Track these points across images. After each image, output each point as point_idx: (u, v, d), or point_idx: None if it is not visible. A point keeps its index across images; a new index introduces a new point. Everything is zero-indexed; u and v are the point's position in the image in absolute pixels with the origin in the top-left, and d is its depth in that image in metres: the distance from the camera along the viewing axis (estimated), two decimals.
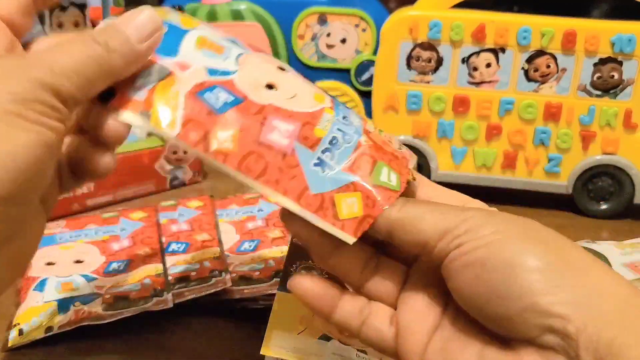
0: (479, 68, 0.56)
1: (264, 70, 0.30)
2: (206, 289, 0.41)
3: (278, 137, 0.28)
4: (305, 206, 0.27)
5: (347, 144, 0.29)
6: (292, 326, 0.35)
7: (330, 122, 0.29)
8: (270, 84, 0.29)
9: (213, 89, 0.28)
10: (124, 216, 0.51)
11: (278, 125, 0.28)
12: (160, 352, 0.38)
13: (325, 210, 0.27)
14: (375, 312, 0.29)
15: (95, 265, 0.44)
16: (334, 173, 0.28)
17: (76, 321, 0.38)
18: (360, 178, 0.27)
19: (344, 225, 0.27)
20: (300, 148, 0.28)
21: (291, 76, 0.31)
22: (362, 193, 0.27)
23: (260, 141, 0.28)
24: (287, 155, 0.28)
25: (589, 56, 0.54)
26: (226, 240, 0.48)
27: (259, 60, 0.31)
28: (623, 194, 0.57)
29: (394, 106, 0.58)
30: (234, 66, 0.29)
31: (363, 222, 0.27)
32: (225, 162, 0.27)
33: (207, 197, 0.55)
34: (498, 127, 0.57)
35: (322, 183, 0.27)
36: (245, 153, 0.27)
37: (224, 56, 0.30)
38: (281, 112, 0.28)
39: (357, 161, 0.28)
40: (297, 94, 0.30)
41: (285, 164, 0.28)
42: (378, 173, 0.28)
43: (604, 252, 0.45)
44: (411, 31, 0.55)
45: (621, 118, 0.55)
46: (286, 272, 0.38)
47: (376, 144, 0.29)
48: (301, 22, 0.64)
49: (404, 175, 0.29)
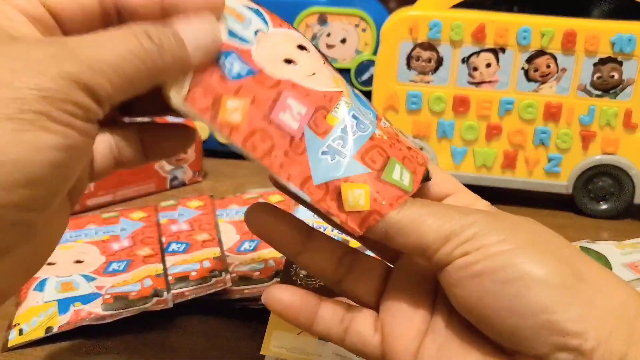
0: (479, 68, 0.56)
1: (283, 47, 0.28)
2: (206, 289, 0.41)
3: (289, 118, 0.26)
4: (308, 193, 0.26)
5: (361, 132, 0.27)
6: (292, 326, 0.35)
7: (346, 108, 0.28)
8: (289, 59, 0.28)
9: (229, 55, 0.26)
10: (124, 216, 0.51)
11: (292, 104, 0.26)
12: (160, 352, 0.38)
13: (329, 201, 0.26)
14: (357, 318, 0.28)
15: (95, 265, 0.44)
16: (345, 160, 0.26)
17: (76, 321, 0.38)
18: (371, 170, 0.26)
19: (348, 217, 0.26)
20: (310, 134, 0.26)
21: (312, 55, 0.29)
22: (371, 187, 0.26)
23: (271, 118, 0.26)
24: (295, 139, 0.26)
25: (589, 56, 0.54)
26: (226, 240, 0.48)
27: (278, 38, 0.29)
28: (623, 194, 0.57)
29: (394, 106, 0.58)
30: (252, 37, 0.27)
31: (369, 217, 0.26)
32: (230, 137, 0.26)
33: (207, 197, 0.55)
34: (498, 127, 0.57)
35: (328, 171, 0.26)
36: (253, 129, 0.26)
37: (244, 25, 0.27)
38: (298, 89, 0.27)
39: (370, 152, 0.27)
40: (316, 72, 0.28)
41: (292, 149, 0.26)
42: (391, 170, 0.26)
43: (604, 252, 0.45)
44: (411, 31, 0.55)
45: (621, 118, 0.55)
46: (286, 272, 0.38)
47: (391, 139, 0.28)
48: (301, 22, 0.64)
49: (417, 174, 0.27)
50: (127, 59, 0.22)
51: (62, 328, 0.38)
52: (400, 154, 0.28)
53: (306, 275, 0.38)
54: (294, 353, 0.33)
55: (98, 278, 0.43)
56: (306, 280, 0.38)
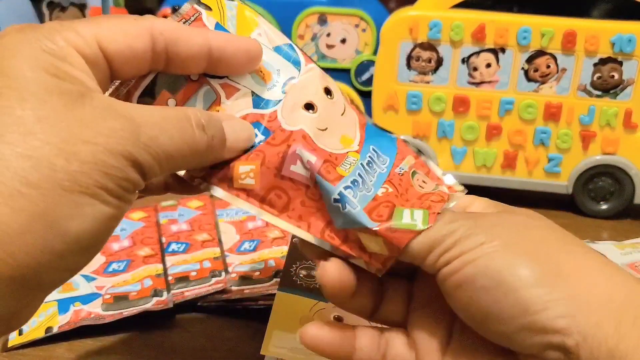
0: (479, 68, 0.56)
1: (308, 91, 0.29)
2: (206, 289, 0.41)
3: (301, 168, 0.27)
4: (329, 239, 0.26)
5: (365, 190, 0.27)
6: (292, 326, 0.35)
7: (353, 166, 0.28)
8: (309, 104, 0.28)
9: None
10: (124, 216, 0.51)
11: (301, 154, 0.27)
12: (160, 352, 0.38)
13: (351, 244, 0.26)
14: (392, 342, 0.28)
15: (95, 265, 0.44)
16: (356, 212, 0.26)
17: (76, 321, 0.38)
18: (379, 224, 0.26)
19: (372, 258, 0.26)
20: (322, 181, 0.26)
21: (335, 103, 0.29)
22: (384, 238, 0.26)
23: (282, 174, 0.27)
24: (310, 188, 0.27)
25: (589, 56, 0.54)
26: (226, 240, 0.48)
27: (306, 82, 0.29)
28: (623, 194, 0.57)
29: (394, 106, 0.58)
30: (280, 94, 0.28)
31: (389, 259, 0.26)
32: (248, 201, 0.27)
33: (207, 197, 0.55)
34: (498, 127, 0.57)
35: (344, 219, 0.26)
36: (267, 189, 0.27)
37: (270, 85, 0.28)
38: (307, 140, 0.27)
39: (376, 209, 0.26)
40: (328, 128, 0.28)
41: (308, 197, 0.27)
42: (399, 217, 0.26)
43: (604, 252, 0.44)
44: (411, 31, 0.55)
45: (621, 118, 0.55)
46: (286, 272, 0.38)
47: (398, 192, 0.28)
48: (301, 22, 0.64)
49: (433, 208, 0.27)
50: (180, 148, 0.24)
51: (62, 328, 0.38)
52: (408, 204, 0.27)
53: (306, 275, 0.38)
54: (294, 353, 0.33)
55: (98, 278, 0.43)
56: (306, 280, 0.38)
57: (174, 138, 0.24)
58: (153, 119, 0.23)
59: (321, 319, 0.35)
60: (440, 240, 0.25)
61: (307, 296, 0.37)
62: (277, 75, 0.29)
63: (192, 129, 0.25)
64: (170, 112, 0.24)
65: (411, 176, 0.29)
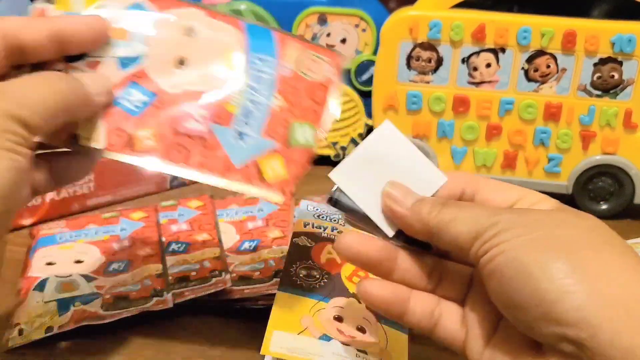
0: (479, 68, 0.56)
1: (171, 43, 0.31)
2: (206, 289, 0.41)
3: (194, 124, 0.30)
4: (233, 179, 0.29)
5: (259, 113, 0.30)
6: (292, 326, 0.35)
7: (241, 95, 0.31)
8: (180, 59, 0.31)
9: (128, 89, 0.30)
10: (124, 216, 0.51)
11: (192, 111, 0.30)
12: (160, 352, 0.38)
13: (251, 177, 0.29)
14: (446, 313, 0.30)
15: (95, 265, 0.44)
16: (255, 140, 0.30)
17: (76, 321, 0.38)
18: (277, 143, 0.30)
19: (271, 186, 0.29)
20: (217, 128, 0.30)
21: (200, 40, 0.32)
22: (282, 157, 0.29)
23: (179, 131, 0.30)
24: (206, 140, 0.30)
25: (589, 56, 0.54)
26: (226, 240, 0.48)
27: (164, 31, 0.32)
28: (623, 194, 0.57)
29: (394, 106, 0.58)
30: (142, 47, 0.31)
31: (290, 183, 0.29)
32: (150, 157, 0.30)
33: (207, 197, 0.55)
34: (498, 127, 0.57)
35: (244, 153, 0.29)
36: (167, 146, 0.30)
37: (129, 40, 0.31)
38: (195, 96, 0.31)
39: (272, 126, 0.30)
40: (208, 64, 0.31)
41: (207, 148, 0.30)
42: (293, 133, 0.30)
43: None
44: (411, 31, 0.55)
45: (621, 118, 0.55)
46: (286, 272, 0.38)
47: (289, 102, 0.31)
48: (301, 22, 0.64)
49: (316, 118, 0.30)
50: (48, 96, 0.28)
51: (62, 328, 0.38)
52: (300, 112, 0.31)
53: (306, 275, 0.38)
54: (294, 353, 0.33)
55: (98, 278, 0.43)
56: (306, 280, 0.38)
57: (39, 89, 0.28)
58: (17, 81, 0.28)
59: (321, 319, 0.35)
60: (482, 231, 0.26)
61: (307, 296, 0.37)
62: (135, 30, 0.31)
63: (57, 81, 0.29)
64: (31, 75, 0.29)
65: (298, 71, 0.32)
